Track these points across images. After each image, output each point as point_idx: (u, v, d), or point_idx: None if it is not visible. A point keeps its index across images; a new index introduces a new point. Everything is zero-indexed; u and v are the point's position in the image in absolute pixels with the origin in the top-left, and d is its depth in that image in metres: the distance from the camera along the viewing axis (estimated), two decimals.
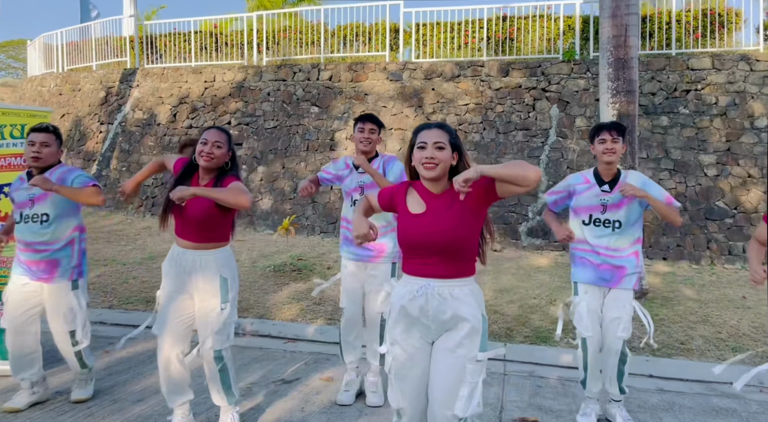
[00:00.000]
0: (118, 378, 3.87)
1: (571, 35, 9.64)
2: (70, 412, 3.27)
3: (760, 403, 3.88)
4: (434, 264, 2.08)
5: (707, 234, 7.34)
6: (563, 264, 7.05)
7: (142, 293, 6.04)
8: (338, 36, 10.57)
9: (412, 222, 2.11)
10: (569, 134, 8.54)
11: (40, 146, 3.14)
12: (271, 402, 3.52)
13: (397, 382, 2.15)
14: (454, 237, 2.05)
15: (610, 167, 3.23)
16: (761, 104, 8.01)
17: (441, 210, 2.09)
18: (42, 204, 3.18)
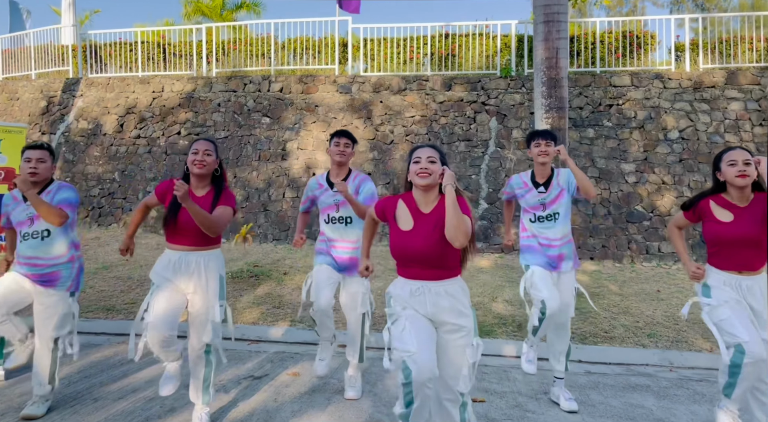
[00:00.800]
0: (94, 380, 4.05)
1: (507, 53, 10.38)
2: (56, 409, 3.45)
3: (669, 380, 4.53)
4: (425, 271, 2.49)
5: (628, 235, 8.18)
6: (503, 266, 7.66)
7: (101, 302, 6.14)
8: (288, 49, 10.87)
9: (403, 239, 2.51)
10: (507, 145, 9.23)
11: (36, 162, 3.32)
12: (245, 395, 3.82)
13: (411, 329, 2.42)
14: (438, 252, 2.46)
15: (544, 167, 3.74)
16: (673, 118, 8.98)
17: (427, 228, 2.49)
18: (41, 220, 3.33)
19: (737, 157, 2.85)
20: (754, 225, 2.82)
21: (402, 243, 2.52)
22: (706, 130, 8.86)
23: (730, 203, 2.92)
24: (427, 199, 2.55)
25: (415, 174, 2.52)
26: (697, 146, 8.77)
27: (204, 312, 3.16)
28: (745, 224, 2.86)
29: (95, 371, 4.28)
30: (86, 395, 3.77)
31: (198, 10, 19.26)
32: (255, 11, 19.79)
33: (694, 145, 8.77)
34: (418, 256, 2.48)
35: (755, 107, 8.93)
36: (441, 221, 2.47)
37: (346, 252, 3.78)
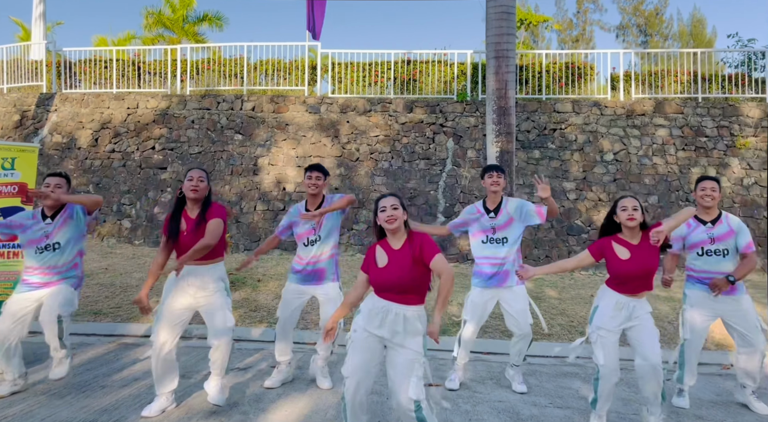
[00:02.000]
0: (97, 372, 4.58)
1: (463, 79, 11.32)
2: (70, 395, 3.99)
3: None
4: (394, 296, 3.07)
5: (568, 246, 9.14)
6: (457, 274, 8.46)
7: (88, 307, 6.60)
8: (260, 70, 11.51)
9: (380, 273, 3.09)
10: (462, 163, 10.11)
11: (54, 187, 3.89)
12: (234, 384, 4.43)
13: (351, 355, 3.09)
14: (408, 282, 3.05)
15: (495, 196, 4.44)
16: (608, 142, 10.07)
17: (399, 263, 3.07)
18: (54, 237, 3.89)
19: (628, 204, 3.53)
20: (647, 260, 3.54)
21: (380, 277, 3.09)
22: (637, 153, 9.98)
23: (626, 242, 3.61)
24: (395, 238, 3.15)
25: (384, 221, 3.09)
26: (629, 167, 9.86)
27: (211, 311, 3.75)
28: (639, 261, 3.55)
29: (95, 365, 4.80)
30: (93, 383, 4.31)
31: (159, 22, 19.22)
32: (217, 25, 19.90)
33: (626, 167, 9.87)
34: (392, 286, 3.07)
35: (679, 133, 10.12)
36: (408, 256, 3.06)
37: (320, 264, 4.32)
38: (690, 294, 4.27)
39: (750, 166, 9.79)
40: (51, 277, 3.92)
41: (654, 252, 3.54)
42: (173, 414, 3.74)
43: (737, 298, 4.12)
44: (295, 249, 4.53)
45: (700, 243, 4.16)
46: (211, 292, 3.76)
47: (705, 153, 9.90)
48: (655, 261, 3.55)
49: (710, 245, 4.12)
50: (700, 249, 4.15)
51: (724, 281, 4.02)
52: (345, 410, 3.06)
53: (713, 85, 10.75)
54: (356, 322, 3.15)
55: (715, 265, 4.11)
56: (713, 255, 4.11)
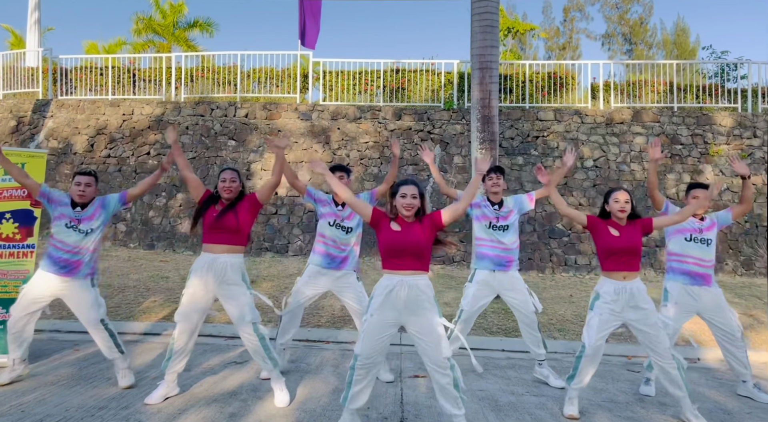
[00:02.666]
0: (95, 368, 4.85)
1: (450, 88, 11.71)
2: (97, 378, 4.26)
3: (570, 362, 5.71)
4: (407, 261, 3.38)
5: (550, 249, 9.53)
6: (444, 275, 8.82)
7: None
8: (253, 78, 11.82)
9: (393, 236, 3.40)
10: (449, 169, 10.48)
11: (85, 186, 4.18)
12: (233, 375, 4.73)
13: (366, 337, 3.40)
14: (419, 245, 3.39)
15: (497, 196, 4.82)
16: (589, 149, 10.49)
17: (411, 230, 3.41)
18: (87, 223, 4.18)
19: (620, 197, 3.96)
20: (633, 238, 3.98)
21: (396, 239, 3.39)
22: (616, 160, 10.41)
23: (616, 224, 4.05)
24: (408, 219, 3.47)
25: (402, 207, 3.41)
26: (608, 173, 10.29)
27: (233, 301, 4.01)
28: (626, 237, 4.01)
29: (99, 359, 5.04)
30: (99, 375, 4.58)
31: (149, 27, 19.29)
32: (208, 31, 19.96)
33: (605, 173, 10.30)
34: (406, 247, 3.37)
35: None
36: (420, 228, 3.40)
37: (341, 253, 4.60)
38: (671, 289, 4.61)
39: (722, 173, 10.26)
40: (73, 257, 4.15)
41: (638, 233, 4.01)
42: (175, 401, 4.03)
43: (712, 291, 4.52)
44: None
45: (689, 231, 4.56)
46: (229, 281, 3.99)
47: (680, 160, 10.36)
48: (639, 240, 4.01)
49: (698, 234, 4.54)
50: (689, 235, 4.54)
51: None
52: (350, 383, 3.41)
53: (688, 94, 11.23)
54: (372, 306, 3.45)
55: (701, 252, 4.52)
56: (701, 243, 4.52)
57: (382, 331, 3.41)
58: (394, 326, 3.44)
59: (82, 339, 5.88)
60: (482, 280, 4.79)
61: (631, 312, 3.96)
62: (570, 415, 3.98)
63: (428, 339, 3.37)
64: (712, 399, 4.60)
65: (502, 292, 4.82)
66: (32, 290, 4.22)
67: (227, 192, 3.99)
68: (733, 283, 8.89)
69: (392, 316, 3.41)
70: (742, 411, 4.29)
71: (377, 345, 3.40)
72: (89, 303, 4.23)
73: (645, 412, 4.19)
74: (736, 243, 9.62)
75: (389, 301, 3.38)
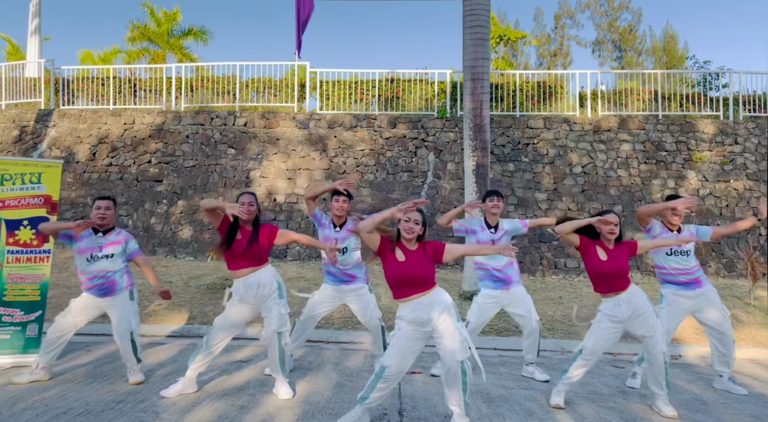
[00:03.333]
0: (108, 366, 5.12)
1: (443, 97, 12.06)
2: (110, 377, 4.53)
3: (558, 359, 6.06)
4: (415, 289, 3.66)
5: (540, 253, 9.87)
6: (438, 278, 9.11)
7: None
8: (251, 88, 12.13)
9: (399, 267, 3.65)
10: (443, 176, 10.81)
11: (104, 210, 4.49)
12: (240, 371, 5.01)
13: (395, 353, 3.66)
14: (424, 275, 3.67)
15: (495, 217, 5.17)
16: (577, 156, 10.86)
17: (416, 260, 3.69)
18: (108, 249, 4.53)
19: (611, 220, 4.21)
20: (620, 261, 4.24)
21: (400, 269, 3.67)
22: (603, 166, 10.78)
23: (605, 246, 4.31)
24: (410, 244, 3.76)
25: (404, 230, 3.69)
26: (596, 179, 10.66)
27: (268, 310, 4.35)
28: (614, 261, 4.26)
29: (112, 359, 5.33)
30: (114, 373, 4.85)
31: (144, 36, 19.33)
32: (202, 39, 20.09)
33: (593, 179, 10.66)
34: (412, 279, 3.66)
35: (641, 148, 10.96)
36: (423, 256, 3.69)
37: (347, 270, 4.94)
38: (666, 294, 4.97)
39: (705, 178, 10.65)
40: (107, 282, 4.50)
41: (625, 256, 4.27)
42: (188, 396, 4.30)
43: (704, 292, 4.85)
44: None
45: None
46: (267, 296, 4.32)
47: (665, 166, 10.75)
48: (626, 264, 4.27)
49: (678, 247, 4.84)
50: (669, 249, 4.86)
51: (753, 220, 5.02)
52: (372, 386, 3.69)
53: (673, 103, 11.64)
54: (399, 322, 3.74)
55: (682, 263, 4.84)
56: (680, 255, 4.84)
57: (411, 347, 3.71)
58: (423, 340, 3.74)
59: (93, 341, 6.15)
60: (487, 294, 5.14)
61: (632, 322, 4.25)
62: (556, 405, 4.29)
63: (447, 343, 3.66)
64: (689, 391, 4.93)
65: (505, 307, 5.17)
66: (79, 305, 4.56)
67: (246, 214, 4.23)
68: (716, 285, 9.20)
69: (420, 332, 3.71)
70: (717, 402, 4.62)
71: (406, 359, 3.71)
72: (127, 317, 4.59)
73: (626, 403, 4.51)
74: (719, 247, 9.99)
75: (416, 321, 3.68)
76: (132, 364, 4.62)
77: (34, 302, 5.13)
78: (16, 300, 5.07)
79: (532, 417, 4.08)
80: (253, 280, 4.29)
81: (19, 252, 5.12)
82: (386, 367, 3.65)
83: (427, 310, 3.66)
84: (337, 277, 4.97)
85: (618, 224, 4.29)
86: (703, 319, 4.93)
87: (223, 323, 4.35)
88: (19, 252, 5.11)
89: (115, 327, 4.60)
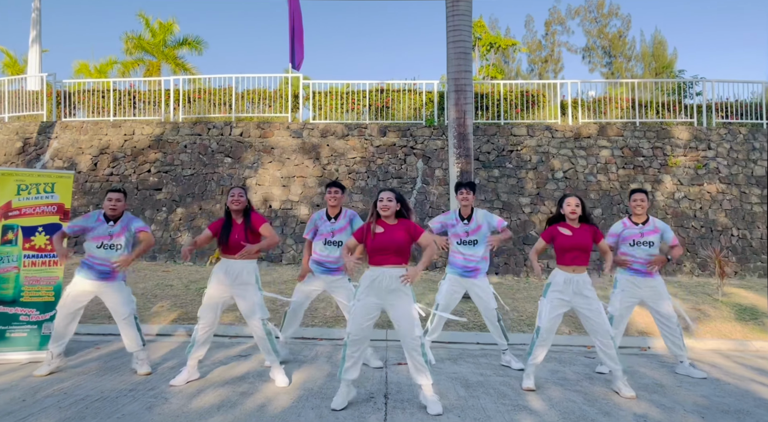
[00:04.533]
0: (118, 361, 5.55)
1: (431, 106, 12.57)
2: (120, 369, 4.96)
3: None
4: (388, 257, 4.12)
5: (524, 254, 10.35)
6: (427, 279, 9.58)
7: (101, 312, 7.53)
8: (247, 99, 12.61)
9: (377, 237, 4.14)
10: (431, 182, 11.30)
11: (115, 202, 4.93)
12: (240, 365, 5.45)
13: (354, 318, 4.15)
14: (401, 242, 4.14)
15: (466, 208, 5.61)
16: (559, 162, 11.37)
17: (394, 231, 4.16)
18: (117, 239, 4.94)
19: (571, 202, 4.77)
20: (584, 238, 4.77)
21: (378, 240, 4.14)
22: (584, 171, 11.30)
23: (569, 226, 4.86)
24: (390, 221, 4.24)
25: (380, 208, 4.18)
26: (577, 184, 11.17)
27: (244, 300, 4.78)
28: (578, 237, 4.80)
29: (121, 354, 5.75)
30: (123, 367, 5.27)
31: (139, 46, 19.77)
32: (197, 48, 20.28)
33: (574, 183, 11.17)
34: (387, 245, 4.12)
35: (620, 154, 11.49)
36: (401, 230, 4.16)
37: (335, 264, 5.40)
38: (620, 278, 5.50)
39: (680, 182, 11.19)
40: (108, 269, 4.92)
41: (589, 236, 4.80)
42: (194, 384, 4.75)
43: (655, 284, 5.40)
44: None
45: (632, 237, 5.44)
46: (244, 282, 4.76)
47: (642, 171, 11.27)
48: (589, 240, 4.79)
49: (639, 238, 5.41)
50: (632, 240, 5.42)
51: (663, 259, 5.34)
52: (343, 358, 4.17)
53: (649, 110, 12.19)
54: (358, 293, 4.23)
55: (641, 254, 5.38)
56: (642, 246, 5.39)
57: (367, 313, 4.18)
58: (377, 309, 4.21)
59: (101, 340, 6.57)
60: (453, 279, 5.62)
61: (577, 299, 4.76)
62: (527, 387, 4.76)
63: (404, 321, 4.14)
64: (651, 377, 5.40)
65: (469, 291, 5.65)
66: (74, 290, 4.95)
67: (235, 204, 4.76)
68: (689, 283, 9.75)
69: (375, 301, 4.18)
70: (674, 385, 5.10)
71: (363, 324, 4.18)
72: (124, 300, 5.02)
73: (591, 386, 4.98)
74: (694, 247, 10.51)
75: (373, 289, 4.16)
76: (138, 351, 5.03)
77: (48, 302, 5.56)
78: (32, 301, 5.51)
79: (504, 398, 4.54)
80: (236, 267, 4.73)
81: (35, 257, 5.55)
82: (349, 333, 4.17)
83: (390, 282, 4.10)
84: (320, 265, 5.37)
85: (579, 204, 4.81)
86: (651, 306, 5.46)
87: (204, 309, 4.79)
88: (34, 256, 5.55)
89: (116, 311, 4.99)
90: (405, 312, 4.15)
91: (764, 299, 8.49)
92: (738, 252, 10.46)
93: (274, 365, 4.86)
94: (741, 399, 4.70)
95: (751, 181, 11.22)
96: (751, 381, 5.28)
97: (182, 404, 4.22)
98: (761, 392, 4.92)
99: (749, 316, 7.77)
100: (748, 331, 7.28)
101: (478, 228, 5.56)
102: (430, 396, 4.17)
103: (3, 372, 5.10)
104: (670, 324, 5.44)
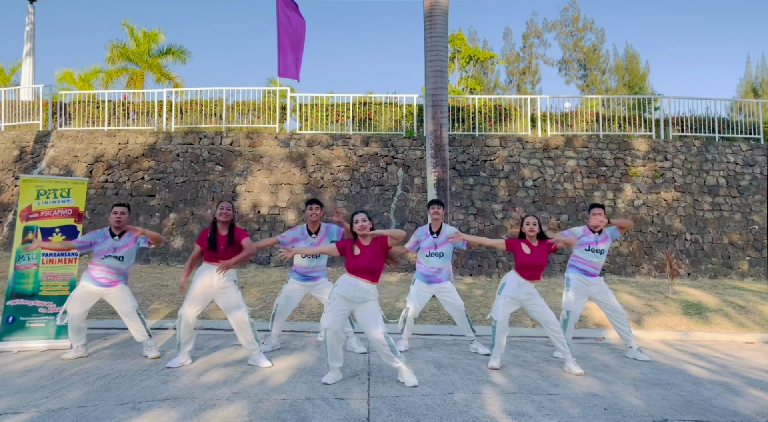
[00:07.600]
0: (129, 349, 6.17)
1: (411, 118, 13.36)
2: (132, 356, 5.58)
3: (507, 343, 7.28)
4: (364, 275, 4.83)
5: (497, 257, 11.15)
6: (406, 280, 10.32)
7: (104, 307, 8.10)
8: (237, 110, 13.27)
9: (356, 259, 4.85)
10: (410, 189, 12.07)
11: (120, 214, 5.55)
12: (235, 353, 6.11)
13: (330, 313, 4.85)
14: (376, 264, 4.86)
15: (437, 222, 6.38)
16: (529, 171, 12.24)
17: (370, 253, 4.87)
18: (120, 252, 5.56)
19: (530, 221, 5.54)
20: (540, 257, 5.53)
21: (356, 262, 4.86)
22: (551, 180, 12.18)
23: (529, 243, 5.62)
24: (365, 240, 4.95)
25: (357, 229, 4.87)
26: (545, 191, 12.04)
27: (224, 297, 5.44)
28: (536, 256, 5.55)
29: (129, 344, 6.37)
30: (132, 353, 5.90)
31: (123, 55, 20.05)
32: (180, 58, 20.73)
33: (543, 191, 12.04)
34: (364, 268, 4.85)
35: (585, 164, 12.40)
36: (376, 248, 4.87)
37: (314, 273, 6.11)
38: (572, 278, 6.29)
39: (639, 190, 12.13)
40: (112, 277, 5.55)
41: (546, 252, 5.55)
42: (199, 365, 5.39)
43: (598, 281, 6.24)
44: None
45: (588, 243, 6.23)
46: (224, 285, 5.44)
47: (605, 180, 12.20)
48: (545, 258, 5.55)
49: (595, 245, 6.21)
50: (588, 246, 6.22)
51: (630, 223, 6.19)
52: (326, 349, 4.87)
53: (612, 124, 13.15)
54: (334, 292, 4.94)
55: (594, 259, 6.20)
56: (595, 252, 6.20)
57: (340, 311, 4.92)
58: (348, 309, 4.97)
59: (108, 333, 7.16)
60: (421, 284, 6.39)
61: (526, 298, 5.58)
62: (491, 366, 5.52)
63: (371, 321, 4.88)
64: (600, 360, 6.19)
65: (437, 296, 6.44)
66: (83, 290, 5.57)
67: (223, 216, 5.39)
68: (646, 283, 10.65)
69: (347, 305, 4.93)
70: (618, 366, 5.89)
71: (338, 319, 4.90)
72: (127, 298, 5.66)
73: (547, 366, 5.75)
74: (651, 250, 11.43)
75: (346, 298, 4.88)
76: (146, 339, 5.68)
77: (64, 296, 6.15)
78: (49, 295, 6.11)
79: (470, 375, 5.28)
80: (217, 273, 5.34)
81: (52, 255, 6.16)
82: (326, 329, 4.85)
83: (362, 294, 4.85)
84: (305, 276, 6.08)
85: (537, 223, 5.59)
86: (599, 300, 6.30)
87: (187, 300, 5.39)
88: (52, 254, 6.16)
89: (120, 308, 5.62)
90: (371, 314, 4.90)
91: (711, 297, 9.40)
92: (691, 254, 11.40)
93: (254, 353, 5.52)
94: (673, 375, 5.51)
95: (703, 190, 12.21)
96: (686, 363, 6.11)
97: (192, 380, 4.88)
98: (691, 370, 5.74)
99: (694, 311, 8.65)
100: (692, 324, 8.16)
101: (445, 242, 6.30)
102: (406, 373, 4.90)
103: (26, 357, 5.70)
104: (617, 313, 6.27)
